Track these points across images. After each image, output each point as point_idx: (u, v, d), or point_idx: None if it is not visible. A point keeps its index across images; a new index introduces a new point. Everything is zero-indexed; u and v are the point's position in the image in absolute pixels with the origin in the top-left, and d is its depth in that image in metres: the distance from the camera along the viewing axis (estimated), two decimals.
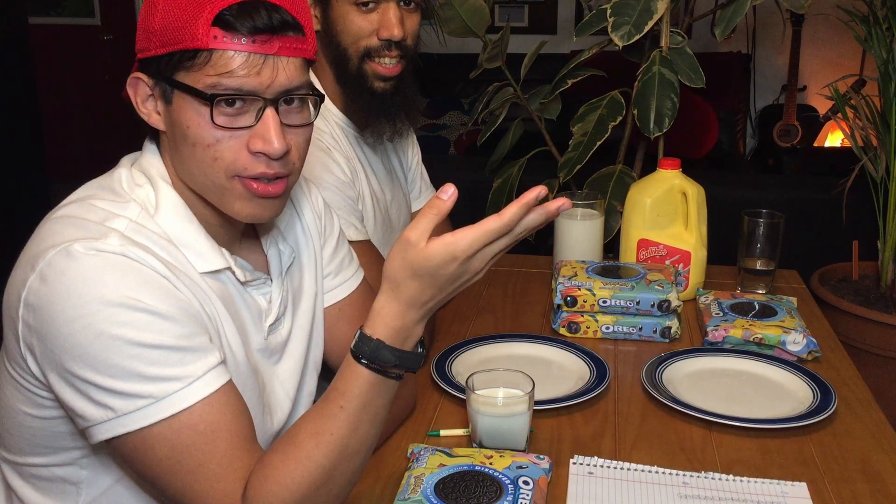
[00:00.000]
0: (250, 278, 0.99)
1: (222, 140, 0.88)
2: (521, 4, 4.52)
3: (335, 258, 1.16)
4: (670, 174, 1.63)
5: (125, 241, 0.86)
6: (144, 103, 0.92)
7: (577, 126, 2.04)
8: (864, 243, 2.43)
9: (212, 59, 0.86)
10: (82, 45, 5.18)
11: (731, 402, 1.24)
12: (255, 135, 0.88)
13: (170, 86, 0.88)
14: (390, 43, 1.31)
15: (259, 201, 0.92)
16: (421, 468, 1.01)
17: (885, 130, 2.28)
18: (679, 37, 1.94)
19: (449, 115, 4.20)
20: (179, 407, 0.84)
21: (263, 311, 1.01)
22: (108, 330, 0.81)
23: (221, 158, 0.89)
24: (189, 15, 0.85)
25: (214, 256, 0.94)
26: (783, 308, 1.48)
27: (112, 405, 0.83)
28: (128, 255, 0.85)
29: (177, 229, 0.92)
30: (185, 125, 0.88)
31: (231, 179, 0.90)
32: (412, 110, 1.42)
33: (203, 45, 0.85)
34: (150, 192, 0.94)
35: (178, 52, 0.86)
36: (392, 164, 1.54)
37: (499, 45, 2.11)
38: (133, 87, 0.92)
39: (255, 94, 0.87)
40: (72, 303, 0.82)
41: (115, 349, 0.82)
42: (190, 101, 0.87)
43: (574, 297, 1.46)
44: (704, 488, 1.04)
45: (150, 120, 0.92)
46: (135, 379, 0.82)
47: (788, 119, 3.99)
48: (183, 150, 0.90)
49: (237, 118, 0.88)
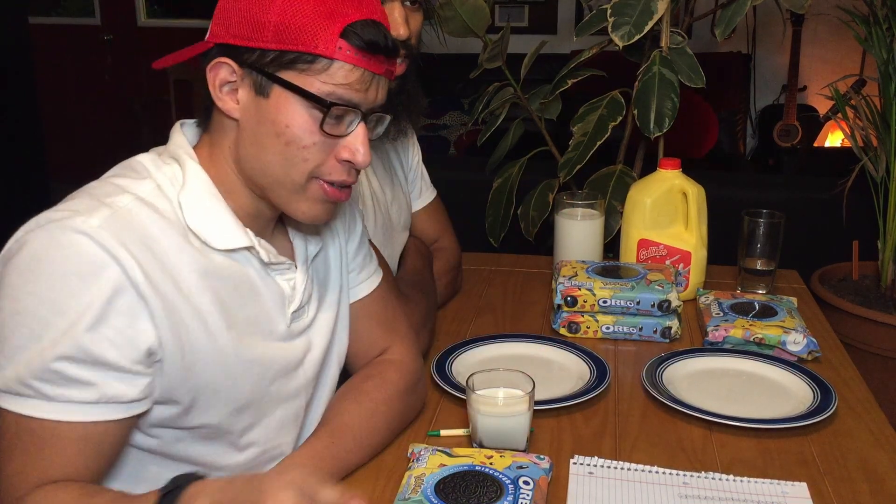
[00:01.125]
0: (274, 261, 1.00)
1: (318, 144, 0.92)
2: (521, 4, 4.52)
3: (359, 255, 1.18)
4: (670, 174, 1.63)
5: (108, 223, 0.86)
6: (221, 88, 0.93)
7: (577, 126, 2.04)
8: (864, 243, 2.43)
9: (331, 69, 0.90)
10: (82, 45, 5.18)
11: (731, 402, 1.25)
12: (345, 145, 0.94)
13: (272, 81, 0.90)
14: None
15: (326, 205, 0.98)
16: (421, 468, 1.01)
17: (885, 130, 2.28)
18: (679, 37, 1.94)
19: (449, 115, 4.20)
20: (28, 412, 0.84)
21: (287, 297, 1.03)
22: (22, 317, 0.83)
23: (311, 160, 0.93)
24: (317, 20, 0.88)
25: (238, 234, 0.96)
26: (783, 308, 1.48)
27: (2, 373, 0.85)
28: (93, 239, 0.84)
29: (200, 205, 0.94)
30: (283, 122, 0.91)
31: (310, 181, 0.95)
32: (415, 109, 1.42)
33: (328, 54, 0.89)
34: (177, 170, 0.96)
35: (294, 52, 0.89)
36: (392, 165, 1.54)
37: (499, 45, 2.11)
38: (214, 71, 0.92)
39: (358, 108, 0.93)
40: (9, 277, 0.84)
41: (19, 334, 0.83)
42: (297, 101, 0.90)
43: (574, 297, 1.46)
44: (704, 488, 1.04)
45: (224, 106, 0.93)
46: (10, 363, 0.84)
47: (788, 119, 3.99)
48: (268, 144, 0.92)
49: (336, 127, 0.93)
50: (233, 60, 0.92)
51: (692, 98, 3.16)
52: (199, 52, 0.95)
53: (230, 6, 0.92)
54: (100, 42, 5.16)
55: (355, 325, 1.17)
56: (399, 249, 1.53)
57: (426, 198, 1.64)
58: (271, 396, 1.03)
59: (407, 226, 1.57)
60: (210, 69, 0.93)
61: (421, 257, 1.53)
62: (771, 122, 4.09)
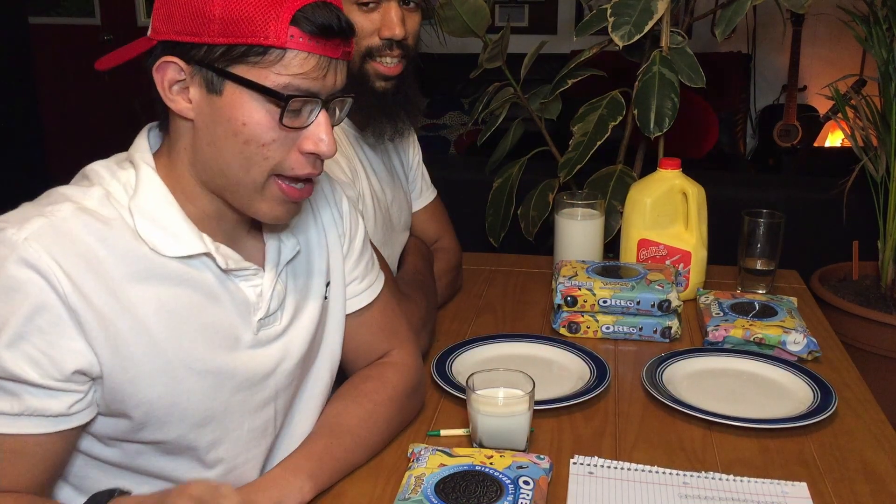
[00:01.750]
0: (234, 267, 0.95)
1: (278, 140, 0.88)
2: (521, 4, 4.52)
3: (360, 264, 1.14)
4: (670, 174, 1.63)
5: (38, 234, 0.82)
6: (171, 88, 0.88)
7: (577, 126, 2.04)
8: (864, 243, 2.43)
9: (284, 59, 0.85)
10: (82, 45, 5.18)
11: (731, 402, 1.25)
12: (308, 136, 0.89)
13: (224, 77, 0.86)
14: (392, 42, 1.31)
15: (287, 205, 0.93)
16: (421, 468, 1.01)
17: (885, 130, 2.28)
18: (679, 37, 1.94)
19: (449, 115, 4.20)
20: None
21: (252, 304, 0.98)
22: None
23: (272, 157, 0.89)
24: (265, 8, 0.83)
25: (191, 241, 0.91)
26: (783, 308, 1.48)
27: None
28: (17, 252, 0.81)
29: (152, 213, 0.90)
30: (240, 120, 0.86)
31: (269, 179, 0.90)
32: (413, 110, 1.42)
33: (279, 44, 0.84)
34: (131, 176, 0.92)
35: (243, 46, 0.84)
36: (392, 164, 1.54)
37: (499, 45, 2.11)
38: (161, 71, 0.88)
39: (317, 97, 0.88)
40: None
41: None
42: (252, 96, 0.86)
43: (574, 297, 1.46)
44: (704, 488, 1.04)
45: (175, 107, 0.89)
46: None
47: (788, 119, 3.99)
48: (224, 145, 0.88)
49: (296, 119, 0.88)
50: (179, 58, 0.87)
51: (692, 98, 3.16)
52: (141, 50, 0.90)
53: (170, 0, 0.87)
54: (100, 42, 5.16)
55: (356, 333, 1.15)
56: (399, 249, 1.53)
57: (426, 198, 1.64)
58: (234, 409, 0.98)
59: (407, 226, 1.57)
60: (156, 70, 0.88)
61: (421, 257, 1.53)
62: (771, 122, 4.09)
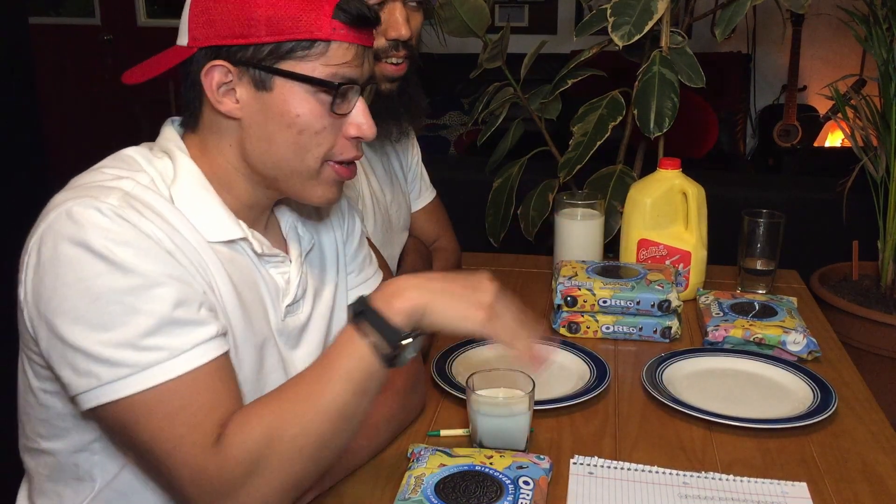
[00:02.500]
0: (267, 252, 1.00)
1: (329, 127, 0.94)
2: (521, 4, 4.52)
3: (357, 257, 1.18)
4: (670, 174, 1.63)
5: (125, 200, 0.86)
6: (219, 90, 0.93)
7: (577, 126, 2.04)
8: (864, 243, 2.43)
9: (329, 50, 0.91)
10: (82, 45, 5.18)
11: (731, 402, 1.25)
12: (350, 121, 0.95)
13: (273, 74, 0.91)
14: (397, 43, 1.31)
15: (338, 186, 0.99)
16: (421, 468, 1.01)
17: (885, 130, 2.28)
18: (679, 37, 1.94)
19: (449, 115, 4.20)
20: (162, 378, 0.83)
21: (281, 290, 1.02)
22: (99, 291, 0.82)
23: (324, 144, 0.94)
24: (307, 5, 0.89)
25: (230, 226, 0.96)
26: (783, 308, 1.48)
27: (95, 373, 0.83)
28: (124, 217, 0.85)
29: (192, 198, 0.94)
30: (293, 113, 0.91)
31: (324, 165, 0.96)
32: (417, 110, 1.42)
33: (324, 37, 0.90)
34: (168, 164, 0.96)
35: (290, 42, 0.90)
36: (392, 165, 1.54)
37: (499, 45, 2.11)
38: (209, 75, 0.92)
39: (358, 83, 0.94)
40: (66, 262, 0.82)
41: (103, 311, 0.82)
42: (302, 88, 0.91)
43: (574, 297, 1.46)
44: (704, 488, 1.04)
45: (222, 107, 0.93)
46: (120, 346, 0.82)
47: (788, 119, 3.99)
48: (277, 137, 0.93)
49: (342, 106, 0.94)
50: (226, 61, 0.91)
51: (692, 98, 3.16)
52: (179, 60, 0.94)
53: (209, 7, 0.91)
54: (100, 42, 5.16)
55: None
56: (399, 250, 1.53)
57: (426, 198, 1.64)
58: (270, 387, 1.00)
59: (406, 226, 1.57)
60: (205, 75, 0.92)
61: (420, 257, 1.53)
62: (771, 122, 4.09)
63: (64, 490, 0.97)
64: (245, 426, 0.85)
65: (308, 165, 0.95)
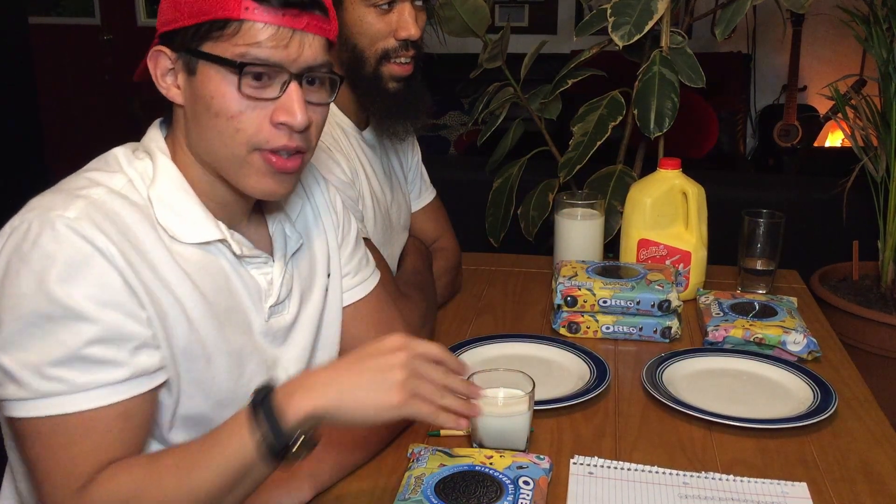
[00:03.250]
0: (247, 254, 0.99)
1: (246, 111, 0.90)
2: (521, 4, 4.52)
3: (353, 258, 1.17)
4: (670, 174, 1.63)
5: (86, 212, 0.87)
6: (164, 77, 0.93)
7: (577, 126, 2.04)
8: (864, 243, 2.43)
9: (242, 30, 0.88)
10: (82, 45, 5.18)
11: (731, 402, 1.25)
12: (279, 107, 0.91)
13: (195, 56, 0.90)
14: (407, 43, 1.31)
15: (275, 177, 0.94)
16: (421, 468, 1.01)
17: (885, 130, 2.28)
18: (679, 37, 1.94)
19: (449, 115, 4.20)
20: (55, 410, 0.84)
21: (263, 291, 1.01)
22: (24, 311, 0.83)
23: (244, 130, 0.91)
24: None
25: (208, 227, 0.95)
26: (783, 308, 1.48)
27: (3, 384, 0.84)
28: (79, 232, 0.85)
29: (170, 199, 0.93)
30: (209, 95, 0.90)
31: (251, 153, 0.92)
32: (422, 110, 1.42)
33: (234, 16, 0.88)
34: (148, 165, 0.96)
35: (207, 23, 0.89)
36: (392, 165, 1.54)
37: (499, 45, 2.11)
38: (154, 60, 0.93)
39: (281, 67, 0.90)
40: (8, 272, 0.84)
41: (23, 331, 0.83)
42: (217, 70, 0.89)
43: (574, 297, 1.46)
44: (704, 488, 1.04)
45: (168, 94, 0.94)
46: (27, 367, 0.83)
47: (788, 119, 3.99)
48: (204, 122, 0.92)
49: (263, 90, 0.90)
50: (166, 46, 0.92)
51: (692, 98, 3.16)
52: (153, 46, 0.95)
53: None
54: (100, 42, 5.16)
55: (349, 328, 1.16)
56: (399, 250, 1.53)
57: (426, 198, 1.64)
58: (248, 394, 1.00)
59: (407, 226, 1.57)
60: (150, 60, 0.93)
61: (420, 257, 1.53)
62: (771, 122, 4.09)
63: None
64: (112, 481, 0.85)
65: (233, 152, 0.92)
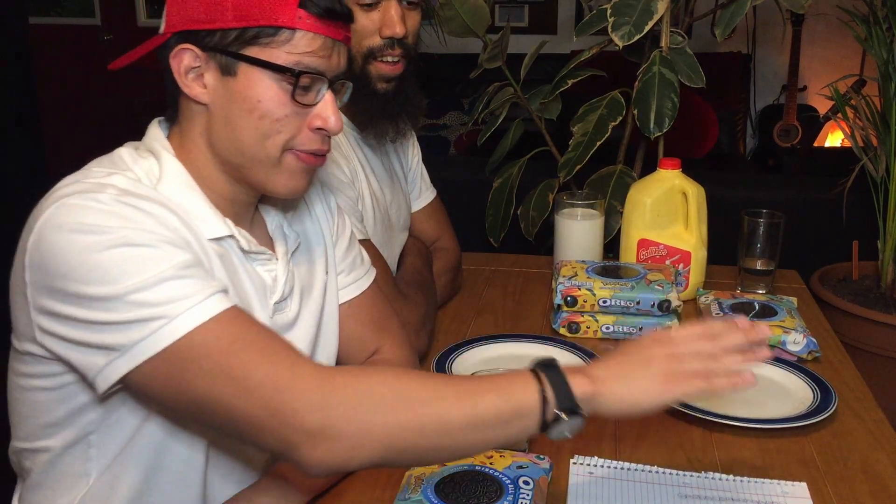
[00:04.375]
0: (255, 250, 1.00)
1: (290, 115, 0.94)
2: (521, 4, 4.52)
3: (347, 257, 1.17)
4: (670, 174, 1.63)
5: (121, 193, 0.87)
6: (187, 75, 0.93)
7: (577, 126, 2.04)
8: (864, 243, 2.43)
9: (294, 39, 0.91)
10: (82, 45, 5.18)
11: (731, 402, 1.24)
12: (316, 114, 0.95)
13: (238, 59, 0.91)
14: (393, 41, 1.31)
15: (303, 176, 0.98)
16: (421, 468, 1.01)
17: (885, 130, 2.28)
18: (679, 37, 1.94)
19: (449, 115, 4.20)
20: (205, 317, 0.83)
21: (268, 288, 1.02)
22: (114, 256, 0.82)
23: (285, 132, 0.94)
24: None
25: (217, 223, 0.96)
26: (783, 308, 1.48)
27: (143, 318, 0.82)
28: (125, 203, 0.86)
29: (180, 197, 0.94)
30: (255, 98, 0.92)
31: (285, 154, 0.95)
32: (414, 110, 1.42)
33: (289, 25, 0.90)
34: (153, 164, 0.96)
35: (255, 28, 0.90)
36: (392, 165, 1.54)
37: (499, 45, 2.11)
38: (178, 59, 0.93)
39: (324, 76, 0.94)
40: (74, 247, 0.82)
41: (125, 266, 0.82)
42: (267, 75, 0.91)
43: (574, 297, 1.46)
44: (704, 488, 1.04)
45: (190, 92, 0.94)
46: (159, 283, 0.82)
47: (788, 119, 3.99)
48: (241, 123, 0.93)
49: (305, 96, 0.94)
50: (194, 45, 0.92)
51: (692, 98, 3.16)
52: (156, 45, 0.95)
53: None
54: (100, 42, 5.16)
55: (344, 327, 1.16)
56: (399, 250, 1.53)
57: (426, 198, 1.64)
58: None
59: (406, 226, 1.57)
60: (173, 57, 0.93)
61: (420, 257, 1.53)
62: (771, 122, 4.09)
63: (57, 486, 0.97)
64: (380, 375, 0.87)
65: (268, 153, 0.94)
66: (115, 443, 0.95)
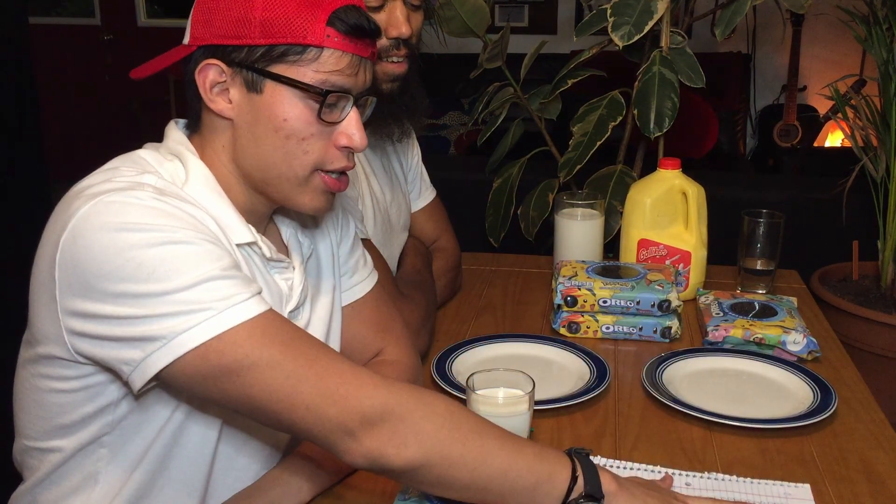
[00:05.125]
0: (275, 257, 1.00)
1: (317, 134, 0.93)
2: (521, 4, 4.52)
3: (351, 259, 1.17)
4: (670, 174, 1.63)
5: (160, 192, 0.87)
6: (212, 90, 0.93)
7: (577, 126, 2.04)
8: (864, 243, 2.43)
9: (322, 57, 0.91)
10: (82, 45, 5.19)
11: (731, 402, 1.24)
12: (341, 132, 0.95)
13: (264, 76, 0.91)
14: (398, 41, 1.31)
15: (328, 196, 0.98)
16: None
17: (885, 130, 2.28)
18: (679, 37, 1.94)
19: (449, 115, 4.20)
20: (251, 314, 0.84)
21: (284, 296, 1.02)
22: (156, 254, 0.82)
23: (312, 152, 0.94)
24: (303, 10, 0.89)
25: (243, 229, 0.96)
26: (783, 308, 1.48)
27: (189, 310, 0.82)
28: (163, 200, 0.85)
29: (206, 201, 0.93)
30: (281, 116, 0.91)
31: (313, 174, 0.95)
32: (418, 110, 1.42)
33: (317, 43, 0.90)
34: (178, 166, 0.95)
35: (282, 46, 0.90)
36: (392, 165, 1.54)
37: (499, 45, 2.10)
38: (203, 73, 0.92)
39: (350, 93, 0.94)
40: (118, 244, 0.81)
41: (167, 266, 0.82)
42: (293, 93, 0.91)
43: (574, 297, 1.46)
44: (705, 489, 1.04)
45: (215, 107, 0.93)
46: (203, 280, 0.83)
47: (788, 119, 4.00)
48: (267, 141, 0.93)
49: (331, 114, 0.93)
50: (220, 61, 0.92)
51: (692, 98, 3.16)
52: (180, 57, 0.95)
53: (210, 7, 0.92)
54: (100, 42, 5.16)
55: (348, 328, 1.16)
56: (399, 250, 1.53)
57: (426, 198, 1.64)
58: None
59: (406, 226, 1.57)
60: (198, 73, 0.93)
61: (420, 257, 1.53)
62: (771, 122, 4.10)
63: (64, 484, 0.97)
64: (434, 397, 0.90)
65: (296, 172, 0.94)
66: (131, 443, 0.94)
